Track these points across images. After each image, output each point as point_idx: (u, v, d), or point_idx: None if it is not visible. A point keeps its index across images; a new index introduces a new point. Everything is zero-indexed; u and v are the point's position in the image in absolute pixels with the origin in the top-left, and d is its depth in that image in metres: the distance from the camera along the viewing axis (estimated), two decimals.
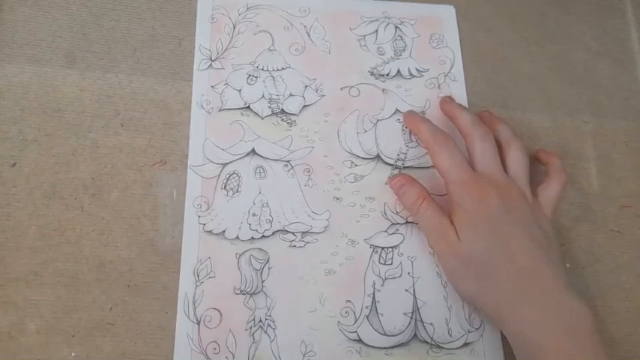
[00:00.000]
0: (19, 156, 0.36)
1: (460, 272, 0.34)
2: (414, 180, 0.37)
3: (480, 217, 0.33)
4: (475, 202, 0.34)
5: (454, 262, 0.34)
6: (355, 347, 0.34)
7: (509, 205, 0.34)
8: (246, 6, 0.42)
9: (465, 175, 0.34)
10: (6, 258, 0.33)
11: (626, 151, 0.43)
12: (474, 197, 0.34)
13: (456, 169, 0.35)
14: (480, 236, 0.33)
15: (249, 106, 0.39)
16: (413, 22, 0.43)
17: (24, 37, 0.38)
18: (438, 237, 0.34)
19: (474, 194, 0.34)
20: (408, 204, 0.36)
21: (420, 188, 0.36)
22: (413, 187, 0.36)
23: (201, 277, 0.34)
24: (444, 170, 0.35)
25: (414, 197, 0.36)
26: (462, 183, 0.34)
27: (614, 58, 0.46)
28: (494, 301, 0.32)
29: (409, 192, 0.36)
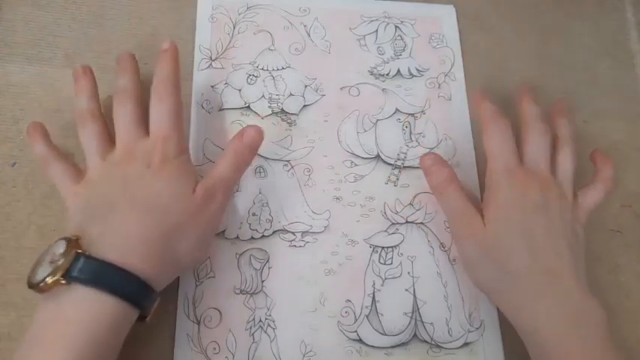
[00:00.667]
0: (19, 156, 0.36)
1: (480, 262, 0.33)
2: (445, 161, 0.36)
3: (515, 210, 0.32)
4: (514, 194, 0.33)
5: (475, 251, 0.33)
6: (355, 347, 0.34)
7: (548, 204, 0.33)
8: (246, 6, 0.42)
9: (512, 164, 0.34)
10: (6, 258, 0.33)
11: (626, 151, 0.43)
12: (514, 189, 0.33)
13: (504, 155, 0.34)
14: (510, 230, 0.32)
15: (249, 105, 0.39)
16: (413, 22, 0.43)
17: (24, 37, 0.38)
18: (462, 222, 0.34)
19: (515, 186, 0.33)
20: (435, 183, 0.35)
21: (450, 170, 0.35)
22: (444, 166, 0.35)
23: (201, 277, 0.34)
24: (492, 153, 0.34)
25: (442, 177, 0.35)
26: (507, 171, 0.33)
27: (614, 58, 0.46)
28: (511, 296, 0.32)
29: (439, 171, 0.35)
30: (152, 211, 0.30)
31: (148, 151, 0.32)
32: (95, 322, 0.27)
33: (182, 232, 0.30)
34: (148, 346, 0.33)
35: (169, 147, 0.32)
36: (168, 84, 0.33)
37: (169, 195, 0.31)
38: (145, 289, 0.29)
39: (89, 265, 0.27)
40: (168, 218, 0.30)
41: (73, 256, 0.27)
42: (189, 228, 0.31)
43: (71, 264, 0.27)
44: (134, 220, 0.29)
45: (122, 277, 0.28)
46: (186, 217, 0.31)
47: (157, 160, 0.31)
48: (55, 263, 0.27)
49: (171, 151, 0.32)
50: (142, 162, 0.31)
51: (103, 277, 0.27)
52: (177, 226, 0.30)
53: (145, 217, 0.30)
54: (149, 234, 0.29)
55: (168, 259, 0.30)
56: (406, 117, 0.40)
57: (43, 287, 0.26)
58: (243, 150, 0.34)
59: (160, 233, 0.30)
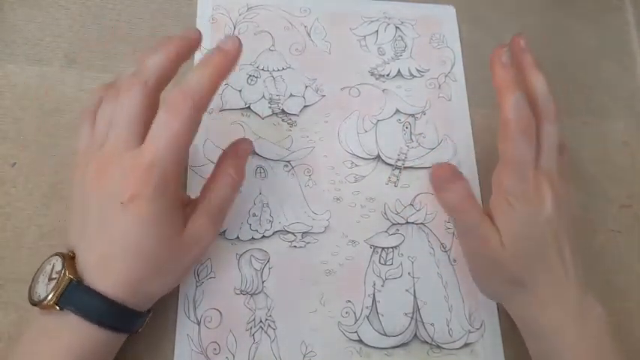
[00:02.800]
0: (19, 156, 0.36)
1: (493, 276, 0.32)
2: (459, 173, 0.32)
3: (532, 224, 0.30)
4: (531, 207, 0.30)
5: (488, 266, 0.32)
6: (355, 347, 0.34)
7: (560, 211, 0.31)
8: (247, 6, 0.42)
9: (530, 174, 0.30)
10: (6, 258, 0.33)
11: (626, 151, 0.43)
12: (531, 202, 0.30)
13: (524, 166, 0.30)
14: (528, 246, 0.30)
15: (249, 106, 0.39)
16: (413, 23, 0.43)
17: (24, 37, 0.38)
18: (476, 238, 0.31)
19: (532, 199, 0.30)
20: (454, 203, 0.32)
21: (465, 184, 0.32)
22: (460, 180, 0.32)
23: (201, 277, 0.34)
24: (510, 162, 0.30)
25: (461, 195, 0.31)
26: (524, 182, 0.30)
27: (614, 58, 0.46)
28: (522, 305, 0.31)
29: (456, 189, 0.31)
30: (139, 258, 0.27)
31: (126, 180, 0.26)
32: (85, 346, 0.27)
33: (166, 272, 0.29)
34: (148, 346, 0.33)
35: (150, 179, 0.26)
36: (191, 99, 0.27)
37: (150, 244, 0.27)
38: (135, 317, 0.29)
39: (82, 296, 0.26)
40: (151, 265, 0.28)
41: (68, 281, 0.26)
42: (174, 268, 0.29)
43: (65, 290, 0.26)
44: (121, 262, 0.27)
45: (112, 310, 0.27)
46: (171, 261, 0.29)
47: (127, 196, 0.26)
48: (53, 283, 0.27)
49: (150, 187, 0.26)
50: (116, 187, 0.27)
51: (95, 310, 0.27)
52: (162, 269, 0.29)
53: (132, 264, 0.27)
54: (132, 278, 0.27)
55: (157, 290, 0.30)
56: (406, 117, 0.40)
57: (42, 307, 0.27)
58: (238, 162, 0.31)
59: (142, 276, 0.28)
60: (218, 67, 0.28)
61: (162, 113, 0.27)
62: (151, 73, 0.28)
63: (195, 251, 0.30)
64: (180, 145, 0.27)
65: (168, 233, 0.28)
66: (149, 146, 0.27)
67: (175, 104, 0.27)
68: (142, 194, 0.26)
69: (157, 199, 0.27)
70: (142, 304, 0.29)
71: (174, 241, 0.28)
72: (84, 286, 0.27)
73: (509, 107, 0.30)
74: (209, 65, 0.28)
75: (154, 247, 0.28)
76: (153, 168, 0.26)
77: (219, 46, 0.28)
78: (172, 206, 0.28)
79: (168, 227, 0.28)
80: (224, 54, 0.28)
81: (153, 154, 0.26)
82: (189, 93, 0.27)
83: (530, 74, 0.32)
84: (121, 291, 0.27)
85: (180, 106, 0.27)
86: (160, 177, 0.26)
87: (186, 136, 0.27)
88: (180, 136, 0.27)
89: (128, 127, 0.27)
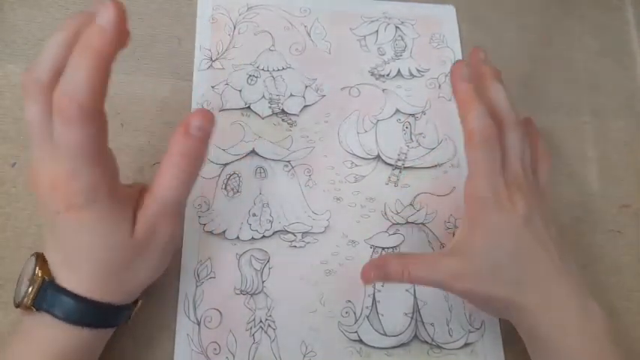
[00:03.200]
0: (19, 156, 0.36)
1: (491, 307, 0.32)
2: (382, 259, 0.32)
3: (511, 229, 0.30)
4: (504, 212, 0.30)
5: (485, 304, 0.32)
6: (356, 347, 0.34)
7: (534, 214, 0.31)
8: (247, 6, 0.42)
9: (499, 181, 0.30)
10: (6, 258, 0.33)
11: (626, 151, 0.43)
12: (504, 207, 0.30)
13: (493, 174, 0.30)
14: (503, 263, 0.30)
15: (249, 106, 0.39)
16: (413, 23, 0.43)
17: (24, 36, 0.38)
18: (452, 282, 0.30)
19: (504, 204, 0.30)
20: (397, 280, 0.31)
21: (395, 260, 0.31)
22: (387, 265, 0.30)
23: (201, 277, 0.34)
24: (479, 171, 0.31)
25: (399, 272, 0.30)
26: (494, 189, 0.30)
27: (614, 58, 0.46)
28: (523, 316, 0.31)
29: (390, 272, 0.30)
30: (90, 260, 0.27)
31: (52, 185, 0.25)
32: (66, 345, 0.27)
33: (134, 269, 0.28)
34: (148, 346, 0.33)
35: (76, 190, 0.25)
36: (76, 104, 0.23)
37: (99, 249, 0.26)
38: (114, 311, 0.28)
39: (54, 297, 0.26)
40: (112, 263, 0.27)
41: (40, 282, 0.26)
42: (140, 263, 0.28)
43: (39, 291, 0.26)
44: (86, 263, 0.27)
45: (88, 309, 0.27)
46: (130, 258, 0.28)
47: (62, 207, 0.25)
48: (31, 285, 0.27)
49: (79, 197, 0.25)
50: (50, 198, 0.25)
51: (69, 310, 0.26)
52: (127, 266, 0.28)
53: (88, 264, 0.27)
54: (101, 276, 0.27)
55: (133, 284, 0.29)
56: (406, 117, 0.40)
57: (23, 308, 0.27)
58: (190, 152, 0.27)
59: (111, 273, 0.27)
60: (101, 52, 0.23)
61: (56, 123, 0.24)
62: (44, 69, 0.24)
63: (153, 248, 0.28)
64: (87, 151, 0.24)
65: (117, 230, 0.27)
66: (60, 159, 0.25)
67: (62, 111, 0.23)
68: (74, 204, 0.25)
69: (91, 204, 0.25)
70: (121, 297, 0.29)
71: (124, 241, 0.27)
72: (55, 285, 0.27)
73: (472, 118, 0.31)
74: (89, 53, 0.23)
75: (107, 245, 0.27)
76: (73, 179, 0.25)
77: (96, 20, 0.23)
78: (113, 203, 0.26)
79: (115, 225, 0.26)
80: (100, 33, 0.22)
81: (66, 167, 0.24)
82: (74, 96, 0.23)
83: (490, 86, 0.33)
84: (92, 287, 0.27)
85: (68, 113, 0.23)
86: (84, 185, 0.25)
87: (90, 142, 0.24)
88: (84, 144, 0.24)
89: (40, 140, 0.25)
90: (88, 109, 0.23)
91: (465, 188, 0.32)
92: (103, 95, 0.24)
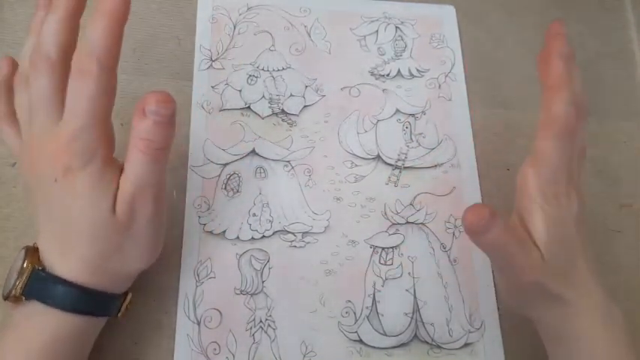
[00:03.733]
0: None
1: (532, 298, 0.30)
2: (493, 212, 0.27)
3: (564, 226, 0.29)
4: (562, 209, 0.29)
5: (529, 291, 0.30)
6: (355, 347, 0.34)
7: (583, 215, 0.30)
8: (247, 6, 0.42)
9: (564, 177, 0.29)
10: (6, 258, 0.33)
11: (626, 151, 0.43)
12: (561, 205, 0.29)
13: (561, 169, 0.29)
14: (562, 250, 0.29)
15: (249, 106, 0.39)
16: (413, 23, 0.43)
17: (24, 37, 0.38)
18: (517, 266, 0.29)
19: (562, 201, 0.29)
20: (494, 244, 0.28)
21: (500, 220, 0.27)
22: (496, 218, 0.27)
23: (201, 277, 0.34)
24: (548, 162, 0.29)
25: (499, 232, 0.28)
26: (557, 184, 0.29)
27: (614, 58, 0.46)
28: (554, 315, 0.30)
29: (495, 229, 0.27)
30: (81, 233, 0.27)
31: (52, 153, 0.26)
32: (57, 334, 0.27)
33: (122, 247, 0.28)
34: (148, 346, 0.33)
35: (76, 150, 0.26)
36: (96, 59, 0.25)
37: (87, 222, 0.27)
38: (105, 299, 0.28)
39: (43, 284, 0.27)
40: (98, 244, 0.27)
41: (30, 271, 0.27)
42: (127, 242, 0.28)
43: (29, 280, 0.27)
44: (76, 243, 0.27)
45: (77, 294, 0.27)
46: (116, 238, 0.27)
47: (60, 171, 0.26)
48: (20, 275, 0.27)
49: (77, 158, 0.26)
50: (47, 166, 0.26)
51: (59, 296, 0.27)
52: (114, 244, 0.27)
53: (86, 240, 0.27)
54: (90, 256, 0.27)
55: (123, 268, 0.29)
56: (406, 117, 0.40)
57: (12, 300, 0.27)
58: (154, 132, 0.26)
59: (100, 253, 0.27)
60: (114, 14, 0.25)
61: (72, 81, 0.25)
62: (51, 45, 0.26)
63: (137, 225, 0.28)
64: (96, 107, 0.25)
65: (100, 206, 0.26)
66: (67, 118, 0.26)
67: (81, 68, 0.25)
68: (72, 166, 0.26)
69: (87, 167, 0.26)
70: (112, 284, 0.29)
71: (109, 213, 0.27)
72: (46, 272, 0.27)
73: (561, 103, 0.28)
74: (104, 15, 0.25)
75: (97, 217, 0.27)
76: (75, 139, 0.25)
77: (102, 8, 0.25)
78: (106, 173, 0.27)
79: (105, 195, 0.27)
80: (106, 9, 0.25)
81: (72, 126, 0.25)
82: (92, 52, 0.25)
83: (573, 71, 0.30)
84: (83, 273, 0.27)
85: (87, 68, 0.25)
86: (85, 145, 0.26)
87: (101, 99, 0.25)
88: (95, 99, 0.25)
89: (45, 110, 0.27)
90: (106, 65, 0.25)
91: (525, 170, 0.30)
92: (118, 55, 0.26)
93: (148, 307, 0.33)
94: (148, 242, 0.29)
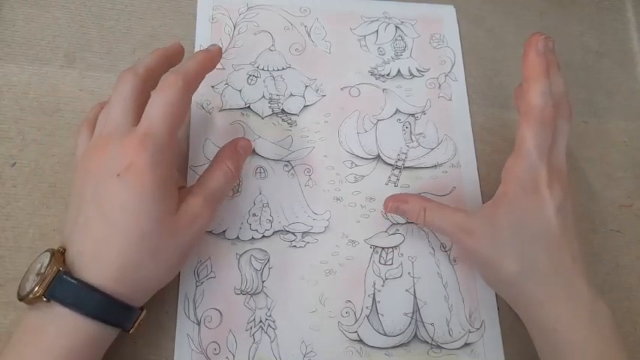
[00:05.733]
0: (19, 156, 0.36)
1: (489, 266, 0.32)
2: (405, 195, 0.35)
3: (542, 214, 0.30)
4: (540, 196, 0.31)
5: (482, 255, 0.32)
6: (355, 347, 0.34)
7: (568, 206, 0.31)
8: (247, 6, 0.42)
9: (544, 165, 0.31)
10: (6, 258, 0.33)
11: (626, 151, 0.43)
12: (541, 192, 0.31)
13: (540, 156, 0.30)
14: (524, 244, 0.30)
15: (249, 106, 0.39)
16: (413, 22, 0.43)
17: (24, 36, 0.38)
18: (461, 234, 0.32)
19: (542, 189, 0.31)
20: (414, 219, 0.34)
21: (416, 200, 0.34)
22: (408, 202, 0.34)
23: (201, 277, 0.34)
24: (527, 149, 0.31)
25: (415, 211, 0.34)
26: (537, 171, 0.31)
27: (614, 58, 0.46)
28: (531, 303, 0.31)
29: (408, 209, 0.34)
30: (132, 236, 0.27)
31: (123, 151, 0.28)
32: (73, 340, 0.27)
33: (161, 255, 0.29)
34: (148, 346, 0.33)
35: (147, 148, 0.27)
36: (182, 77, 0.29)
37: (150, 217, 0.27)
38: (124, 309, 0.28)
39: (69, 286, 0.26)
40: (151, 244, 0.28)
41: (55, 273, 0.27)
42: (169, 250, 0.29)
43: (52, 281, 0.26)
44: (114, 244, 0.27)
45: (100, 300, 0.27)
46: (166, 239, 0.28)
47: (124, 166, 0.27)
48: (40, 277, 0.27)
49: (147, 156, 0.27)
50: (112, 160, 0.28)
51: (81, 300, 0.27)
52: (157, 250, 0.28)
53: (126, 243, 0.27)
54: (130, 261, 0.27)
55: (149, 280, 0.29)
56: (406, 117, 0.40)
57: (28, 301, 0.27)
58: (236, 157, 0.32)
59: (142, 259, 0.28)
60: (203, 60, 0.31)
61: (155, 93, 0.29)
62: (140, 65, 0.31)
63: (189, 233, 0.30)
64: (173, 115, 0.28)
65: (163, 207, 0.28)
66: (144, 121, 0.28)
67: (167, 81, 0.29)
68: (138, 163, 0.27)
69: (152, 168, 0.27)
70: (135, 295, 0.29)
71: (169, 218, 0.28)
72: (72, 276, 0.27)
73: (537, 94, 0.31)
74: (196, 58, 0.31)
75: (150, 220, 0.27)
76: (147, 138, 0.27)
77: (205, 48, 0.33)
78: (167, 179, 0.28)
79: (163, 200, 0.28)
80: (208, 52, 0.32)
81: (147, 126, 0.28)
82: (180, 73, 0.29)
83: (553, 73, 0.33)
84: (110, 279, 0.27)
85: (172, 81, 0.29)
86: (155, 146, 0.28)
87: (178, 109, 0.29)
88: (173, 107, 0.28)
89: (123, 111, 0.29)
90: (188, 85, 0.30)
91: (507, 161, 0.32)
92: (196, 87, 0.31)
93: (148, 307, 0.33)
94: (183, 255, 0.31)
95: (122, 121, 0.29)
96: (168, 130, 0.28)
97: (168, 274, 0.31)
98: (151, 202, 0.27)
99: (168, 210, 0.28)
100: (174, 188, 0.30)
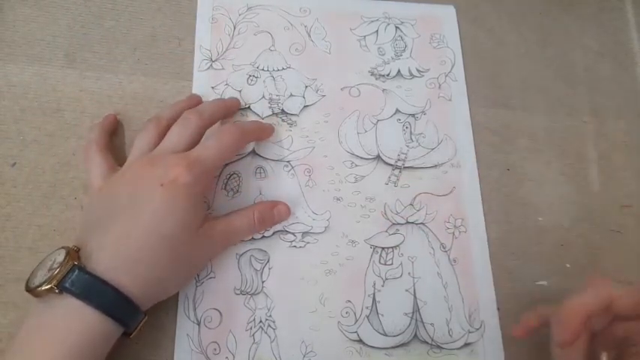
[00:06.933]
0: (19, 156, 0.36)
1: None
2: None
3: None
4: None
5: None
6: (355, 347, 0.34)
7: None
8: (247, 6, 0.42)
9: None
10: (6, 258, 0.33)
11: (626, 151, 0.43)
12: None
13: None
14: None
15: (249, 106, 0.39)
16: (413, 23, 0.43)
17: (24, 37, 0.38)
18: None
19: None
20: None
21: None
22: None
23: (201, 277, 0.34)
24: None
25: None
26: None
27: (614, 58, 0.46)
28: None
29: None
30: (154, 235, 0.29)
31: (171, 164, 0.30)
32: (80, 333, 0.27)
33: (179, 263, 0.31)
34: (148, 346, 0.33)
35: (194, 170, 0.30)
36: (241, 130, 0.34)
37: (176, 224, 0.30)
38: (132, 309, 0.29)
39: (82, 279, 0.27)
40: (169, 247, 0.29)
41: (69, 267, 0.27)
42: (182, 259, 0.31)
43: (66, 275, 0.27)
44: (134, 240, 0.29)
45: (111, 296, 0.28)
46: (187, 249, 0.31)
47: (170, 178, 0.30)
48: (53, 271, 0.27)
49: (191, 176, 0.30)
50: (160, 172, 0.30)
51: (93, 293, 0.27)
52: (177, 257, 0.30)
53: (147, 240, 0.29)
54: (146, 259, 0.29)
55: (158, 284, 0.30)
56: (406, 117, 0.40)
57: (38, 292, 0.27)
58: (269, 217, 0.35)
59: (157, 260, 0.29)
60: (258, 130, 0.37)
61: (216, 132, 0.33)
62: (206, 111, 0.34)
63: (203, 254, 0.33)
64: (223, 154, 0.33)
65: (188, 219, 0.30)
66: (198, 148, 0.32)
67: (228, 127, 0.34)
68: (182, 179, 0.30)
69: (193, 187, 0.30)
70: (143, 297, 0.29)
71: (191, 230, 0.31)
72: (86, 270, 0.27)
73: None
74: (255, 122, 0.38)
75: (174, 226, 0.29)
76: (197, 162, 0.31)
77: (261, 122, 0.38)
78: (200, 201, 0.32)
79: (191, 213, 0.30)
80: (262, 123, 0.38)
81: (199, 154, 0.31)
82: (239, 125, 0.35)
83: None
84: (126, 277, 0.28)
85: (232, 129, 0.34)
86: (202, 171, 0.31)
87: (230, 150, 0.34)
88: (227, 147, 0.33)
89: (179, 139, 0.33)
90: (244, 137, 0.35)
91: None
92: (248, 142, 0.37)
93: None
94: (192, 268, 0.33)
95: (178, 147, 0.32)
96: (215, 163, 0.32)
97: (176, 283, 0.32)
98: (180, 211, 0.30)
99: (192, 222, 0.31)
100: (203, 208, 0.33)
